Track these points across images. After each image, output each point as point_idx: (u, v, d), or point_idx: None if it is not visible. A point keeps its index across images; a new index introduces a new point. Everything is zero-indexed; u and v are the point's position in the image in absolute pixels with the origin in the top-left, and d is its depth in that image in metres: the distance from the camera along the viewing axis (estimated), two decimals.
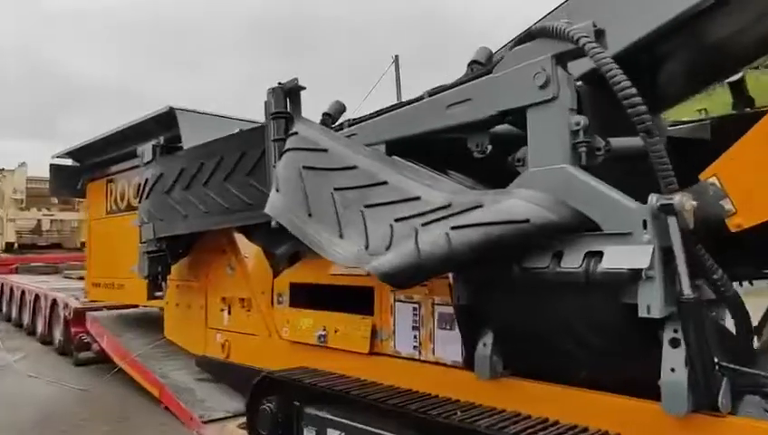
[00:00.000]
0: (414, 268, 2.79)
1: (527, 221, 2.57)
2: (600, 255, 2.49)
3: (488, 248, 2.63)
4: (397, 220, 3.27)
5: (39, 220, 17.77)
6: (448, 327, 3.64)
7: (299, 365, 4.51)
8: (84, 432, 5.16)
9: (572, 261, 2.55)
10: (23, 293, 10.68)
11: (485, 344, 3.26)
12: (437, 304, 3.72)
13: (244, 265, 5.60)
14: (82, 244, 16.75)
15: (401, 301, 3.97)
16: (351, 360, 4.27)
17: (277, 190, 3.90)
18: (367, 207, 3.50)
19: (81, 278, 9.97)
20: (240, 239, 5.78)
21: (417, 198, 3.31)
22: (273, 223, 4.44)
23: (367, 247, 3.24)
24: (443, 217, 2.97)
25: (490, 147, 3.31)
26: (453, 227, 2.75)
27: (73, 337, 7.80)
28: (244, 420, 4.53)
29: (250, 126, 5.23)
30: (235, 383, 5.67)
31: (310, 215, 3.68)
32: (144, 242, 6.13)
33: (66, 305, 8.05)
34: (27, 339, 9.47)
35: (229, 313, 5.72)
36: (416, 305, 3.87)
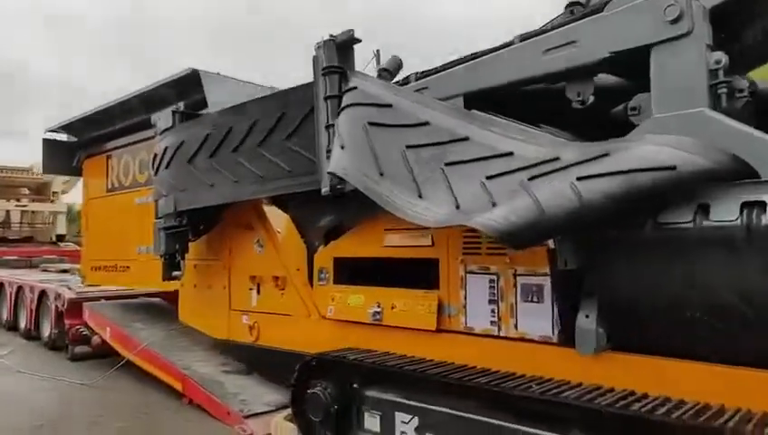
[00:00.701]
0: (536, 225, 2.45)
1: (674, 168, 2.26)
2: (762, 205, 2.19)
3: (627, 199, 2.31)
4: (489, 178, 2.94)
5: (8, 211, 16.71)
6: (535, 299, 3.33)
7: (347, 346, 4.16)
8: (103, 430, 4.66)
9: (725, 213, 2.25)
10: (0, 286, 9.62)
11: (588, 316, 2.96)
12: (520, 275, 3.41)
13: (275, 241, 5.20)
14: (58, 237, 15.93)
15: (474, 273, 3.64)
16: (413, 338, 3.93)
17: (342, 147, 3.52)
18: (448, 165, 3.16)
19: (64, 271, 9.27)
20: (271, 213, 5.39)
21: (510, 154, 2.98)
22: (323, 189, 4.08)
23: (458, 207, 2.91)
24: (556, 170, 2.64)
25: (592, 97, 2.99)
26: (579, 178, 2.43)
27: (68, 330, 7.02)
28: (289, 412, 4.17)
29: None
30: (266, 369, 5.29)
31: (381, 174, 3.32)
32: (161, 217, 5.68)
33: (59, 296, 7.25)
34: (8, 335, 8.52)
35: (258, 292, 5.33)
36: (493, 277, 3.54)
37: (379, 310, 4.11)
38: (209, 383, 4.97)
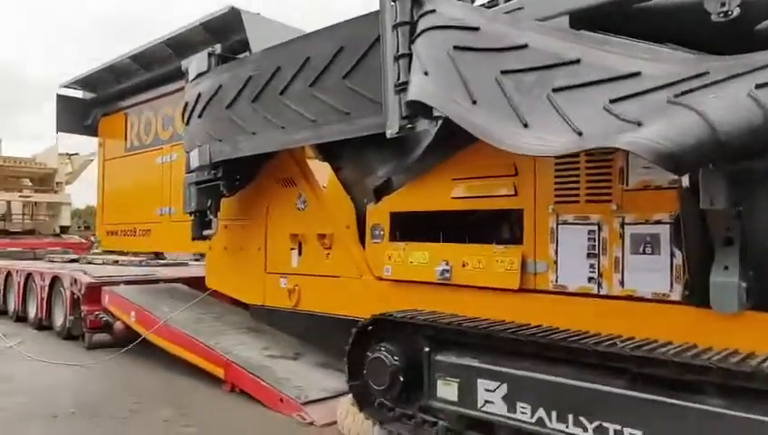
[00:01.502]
0: (704, 144, 2.03)
1: None
2: None
3: None
4: (614, 101, 2.51)
5: (9, 202, 16.08)
6: (648, 251, 2.92)
7: (408, 308, 3.76)
8: (148, 419, 4.22)
9: None
10: (7, 275, 8.87)
11: (728, 268, 2.55)
12: (630, 224, 3.00)
13: (321, 197, 4.79)
14: (62, 229, 15.51)
15: (569, 223, 3.23)
16: (489, 299, 3.53)
17: (425, 74, 3.09)
18: (557, 90, 2.74)
19: (73, 261, 8.67)
20: (314, 167, 4.98)
21: (636, 74, 2.55)
22: (389, 131, 3.65)
23: (581, 134, 2.48)
24: (710, 84, 2.23)
25: (737, 9, 2.56)
26: (759, 86, 2.01)
27: (86, 317, 6.48)
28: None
29: None
30: (309, 336, 4.92)
31: (474, 102, 2.89)
32: (192, 171, 5.27)
33: (75, 282, 6.67)
34: (17, 326, 7.80)
35: (300, 253, 4.93)
36: (593, 228, 3.13)
37: (447, 268, 3.71)
38: (256, 368, 4.49)
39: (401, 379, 3.45)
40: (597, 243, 3.10)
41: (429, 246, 3.91)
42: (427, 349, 3.35)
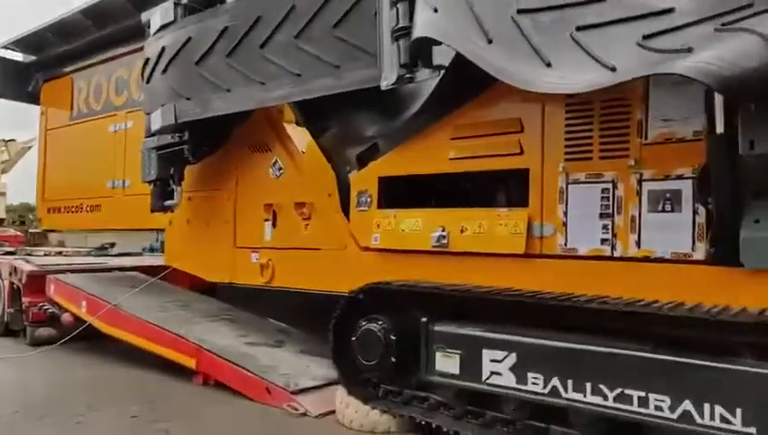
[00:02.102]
0: None
1: None
2: None
3: None
4: (648, 37, 2.35)
5: None
6: (668, 209, 2.78)
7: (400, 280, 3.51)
8: (108, 415, 3.52)
9: None
10: None
11: (760, 221, 2.44)
12: (647, 180, 2.85)
13: (299, 163, 4.48)
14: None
15: (581, 182, 3.06)
16: (491, 265, 3.32)
17: (435, 11, 2.85)
18: (581, 29, 2.56)
19: (9, 253, 7.82)
20: (291, 131, 4.66)
21: (669, 11, 2.40)
22: (384, 83, 3.40)
23: (614, 69, 2.31)
24: (759, 14, 2.09)
25: None
26: None
27: (28, 310, 5.77)
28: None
29: None
30: (285, 315, 4.61)
31: (490, 41, 2.67)
32: (153, 134, 4.85)
33: (15, 271, 5.98)
34: None
35: (274, 225, 4.59)
36: (607, 186, 2.97)
37: (444, 234, 3.48)
38: (236, 357, 4.06)
39: (395, 352, 3.22)
40: (611, 202, 2.95)
41: (423, 211, 3.67)
42: (424, 319, 3.12)
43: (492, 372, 2.86)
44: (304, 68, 3.83)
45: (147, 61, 4.90)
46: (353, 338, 3.37)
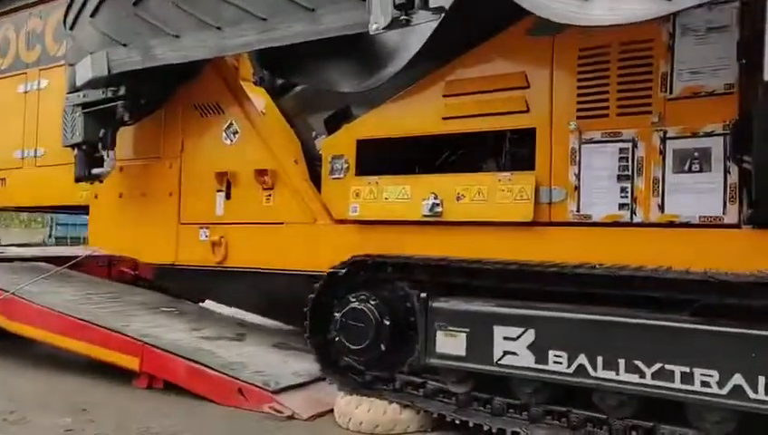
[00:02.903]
0: None
1: None
2: None
3: None
4: None
5: None
6: (695, 168, 2.60)
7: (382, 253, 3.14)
8: (34, 428, 2.74)
9: None
10: None
11: None
12: (672, 138, 2.66)
13: (260, 126, 3.97)
14: None
15: (595, 142, 2.82)
16: (493, 236, 3.03)
17: None
18: None
19: None
20: (250, 90, 4.14)
21: None
22: (374, 26, 3.00)
23: None
24: None
25: None
26: None
27: None
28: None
29: None
30: (240, 299, 4.09)
31: None
32: (79, 90, 4.17)
33: None
34: None
35: (228, 197, 4.07)
36: (625, 145, 2.75)
37: (437, 202, 3.15)
38: (192, 353, 3.41)
39: (387, 333, 2.86)
40: (631, 163, 2.73)
41: (412, 178, 3.32)
42: (423, 294, 2.78)
43: (505, 352, 2.57)
44: (272, 11, 3.35)
45: (71, 4, 4.20)
46: (337, 320, 2.98)
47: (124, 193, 4.59)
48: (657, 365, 2.26)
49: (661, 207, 2.66)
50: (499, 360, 2.58)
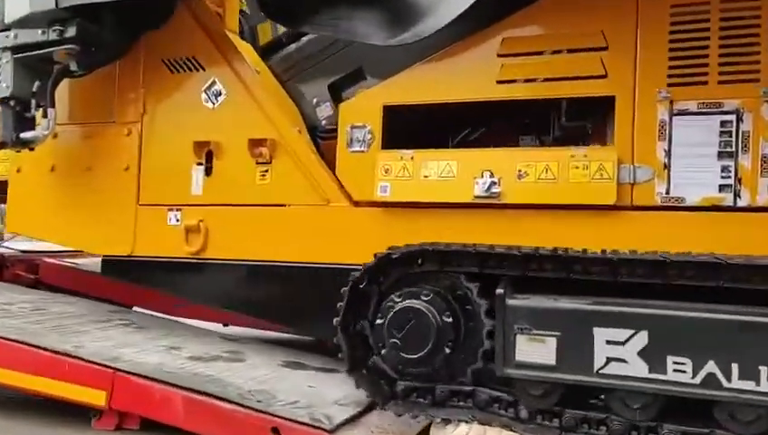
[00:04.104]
0: None
1: None
2: None
3: None
4: None
5: None
6: None
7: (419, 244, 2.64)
8: None
9: None
10: None
11: None
12: None
13: (252, 86, 3.30)
14: None
15: (690, 113, 2.49)
16: (564, 222, 2.63)
17: None
18: None
19: None
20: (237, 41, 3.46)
21: None
22: None
23: None
24: None
25: None
26: None
27: None
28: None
29: None
30: (226, 301, 3.39)
31: None
32: (8, 28, 3.28)
33: None
34: None
35: (208, 172, 3.37)
36: (728, 118, 2.44)
37: (495, 181, 2.70)
38: (190, 380, 2.62)
39: (452, 338, 2.38)
40: (735, 138, 2.43)
41: (459, 152, 2.86)
42: (500, 290, 2.32)
43: (609, 359, 2.18)
44: None
45: None
46: (380, 323, 2.45)
47: (58, 166, 3.72)
48: None
49: None
50: (601, 368, 2.18)
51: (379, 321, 2.48)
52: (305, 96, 3.46)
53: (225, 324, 4.16)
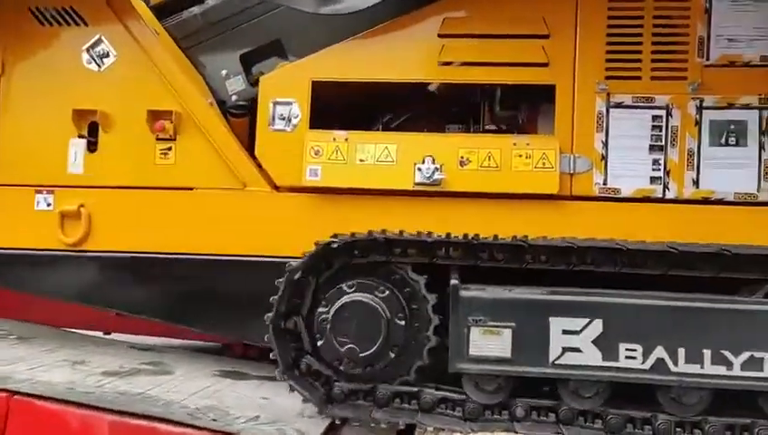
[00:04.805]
0: None
1: None
2: None
3: None
4: None
5: None
6: (732, 142, 2.53)
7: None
8: None
9: None
10: None
11: None
12: (709, 108, 2.55)
13: (150, 49, 2.84)
14: None
15: (625, 106, 2.58)
16: (503, 211, 2.58)
17: None
18: None
19: None
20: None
21: None
22: None
23: None
24: None
25: None
26: None
27: None
28: None
29: None
30: (114, 300, 2.87)
31: None
32: None
33: None
34: None
35: (93, 147, 2.85)
36: (659, 112, 2.57)
37: (437, 167, 2.59)
38: (118, 401, 2.11)
39: (402, 334, 2.22)
40: (665, 132, 2.57)
41: (398, 135, 2.70)
42: (454, 281, 2.22)
43: (565, 349, 2.17)
44: None
45: None
46: (324, 317, 2.22)
47: None
48: (746, 354, 2.10)
49: (696, 182, 2.56)
50: (556, 359, 2.17)
51: (323, 315, 2.25)
52: (210, 67, 3.10)
53: (107, 332, 3.59)
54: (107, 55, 2.90)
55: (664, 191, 2.57)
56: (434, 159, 2.61)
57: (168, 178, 2.82)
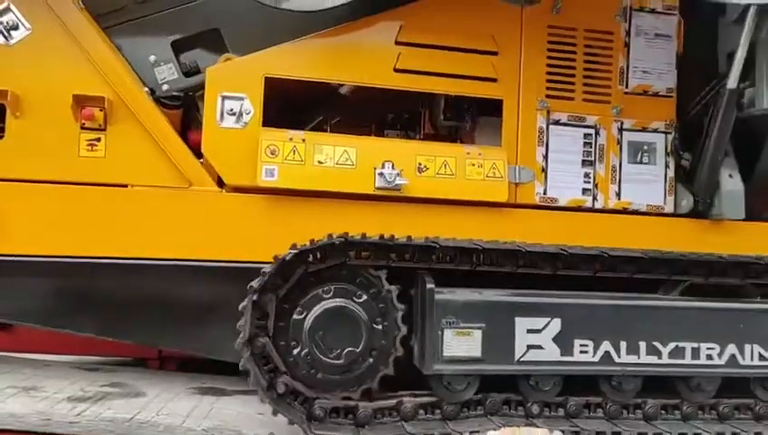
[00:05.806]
0: None
1: None
2: None
3: None
4: None
5: None
6: (645, 160, 2.95)
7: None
8: None
9: None
10: None
11: (732, 175, 2.90)
12: (627, 130, 2.94)
13: (75, 25, 2.52)
14: None
15: (562, 124, 2.88)
16: (456, 217, 2.74)
17: None
18: None
19: None
20: None
21: None
22: None
23: None
24: None
25: None
26: None
27: None
28: None
29: None
30: (29, 312, 2.46)
31: None
32: None
33: None
34: None
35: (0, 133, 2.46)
36: (589, 131, 2.91)
37: (397, 172, 2.66)
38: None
39: (378, 336, 2.29)
40: (594, 149, 2.93)
41: (358, 139, 2.72)
42: (430, 286, 2.33)
43: (529, 347, 2.40)
44: None
45: None
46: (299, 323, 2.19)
47: None
48: (672, 344, 2.50)
49: (618, 195, 2.95)
50: (521, 357, 2.39)
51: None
52: (135, 51, 2.85)
53: None
54: (16, 27, 2.53)
55: (593, 202, 2.94)
56: (393, 165, 2.71)
57: (96, 174, 2.55)
